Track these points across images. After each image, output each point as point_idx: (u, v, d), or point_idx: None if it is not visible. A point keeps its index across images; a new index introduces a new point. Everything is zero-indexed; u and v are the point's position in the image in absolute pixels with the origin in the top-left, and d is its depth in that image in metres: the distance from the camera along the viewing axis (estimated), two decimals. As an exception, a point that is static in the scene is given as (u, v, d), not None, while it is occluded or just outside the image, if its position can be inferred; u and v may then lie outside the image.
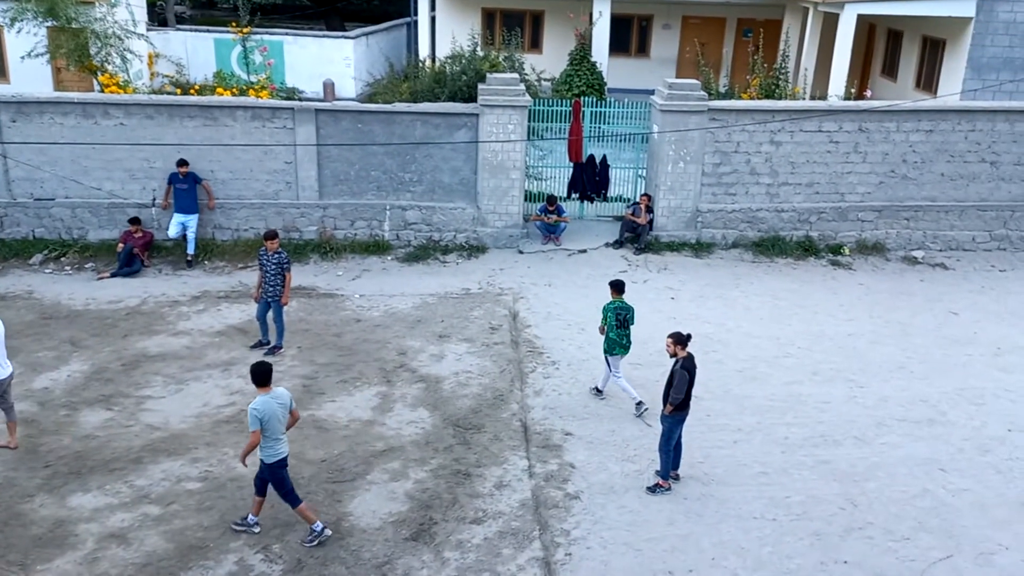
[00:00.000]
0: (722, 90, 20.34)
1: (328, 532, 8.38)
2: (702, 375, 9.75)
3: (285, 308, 12.13)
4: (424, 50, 24.38)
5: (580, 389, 11.30)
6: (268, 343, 12.12)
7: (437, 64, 19.88)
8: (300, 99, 19.09)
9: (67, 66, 18.14)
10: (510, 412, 10.76)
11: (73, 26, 16.80)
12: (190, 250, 14.96)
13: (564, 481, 9.42)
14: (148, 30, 21.87)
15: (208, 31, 24.76)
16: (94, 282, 14.17)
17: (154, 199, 15.13)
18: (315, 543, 8.30)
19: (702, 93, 15.85)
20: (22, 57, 17.55)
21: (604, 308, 10.74)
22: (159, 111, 14.92)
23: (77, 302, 13.37)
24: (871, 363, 12.25)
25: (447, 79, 17.68)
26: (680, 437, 9.30)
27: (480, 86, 15.72)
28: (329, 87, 23.35)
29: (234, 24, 21.76)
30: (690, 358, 9.05)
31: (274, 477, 8.18)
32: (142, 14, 22.50)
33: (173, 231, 14.84)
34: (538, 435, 10.28)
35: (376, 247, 15.78)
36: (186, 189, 14.74)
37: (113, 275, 14.36)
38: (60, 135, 14.65)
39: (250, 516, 8.48)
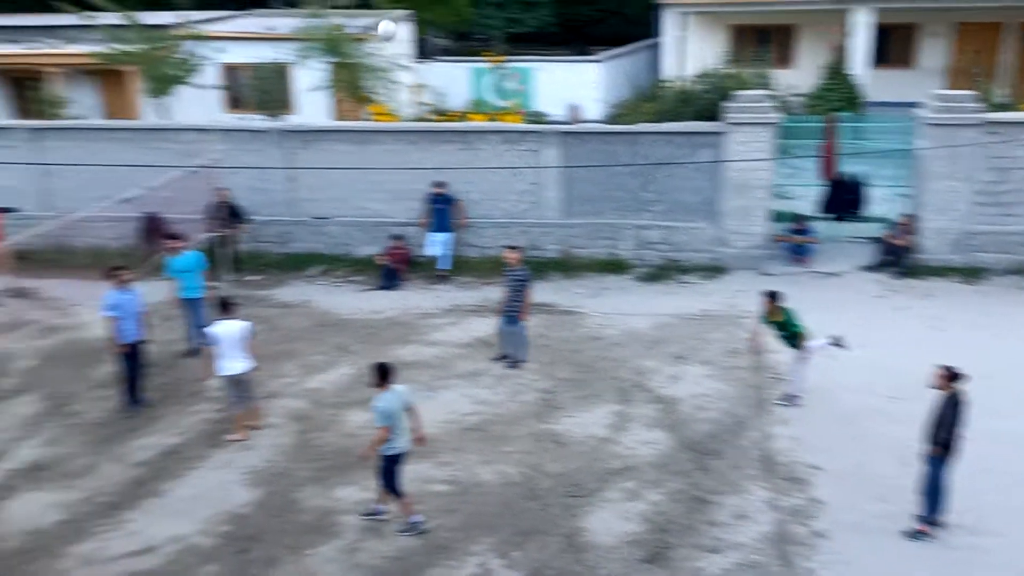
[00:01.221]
0: (1000, 101, 18.41)
1: (422, 525, 8.81)
2: (972, 413, 8.86)
3: (524, 323, 12.56)
4: (669, 70, 24.32)
5: (828, 420, 10.68)
6: (506, 356, 12.60)
7: (682, 84, 19.76)
8: (547, 122, 19.77)
9: (344, 98, 20.11)
10: (750, 440, 10.40)
11: (350, 61, 18.59)
12: (444, 266, 15.95)
13: (810, 517, 8.94)
14: (413, 62, 23.67)
15: (465, 62, 26.33)
16: (360, 294, 15.51)
17: (414, 219, 16.31)
18: (408, 534, 8.78)
19: (978, 105, 14.46)
20: (308, 91, 19.68)
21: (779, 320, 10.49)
22: (421, 137, 16.12)
23: (345, 312, 14.69)
24: None
25: (692, 98, 17.52)
26: (946, 481, 8.50)
27: (726, 104, 15.43)
28: (574, 110, 23.97)
29: (488, 54, 22.98)
30: (960, 394, 8.27)
31: (386, 468, 8.65)
32: (408, 48, 24.41)
33: (430, 249, 15.90)
34: (782, 466, 9.84)
35: (615, 266, 15.93)
36: (442, 209, 15.75)
37: (377, 288, 15.65)
38: (337, 160, 16.24)
39: (380, 507, 9.03)
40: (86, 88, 21.50)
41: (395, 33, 12.97)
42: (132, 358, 11.27)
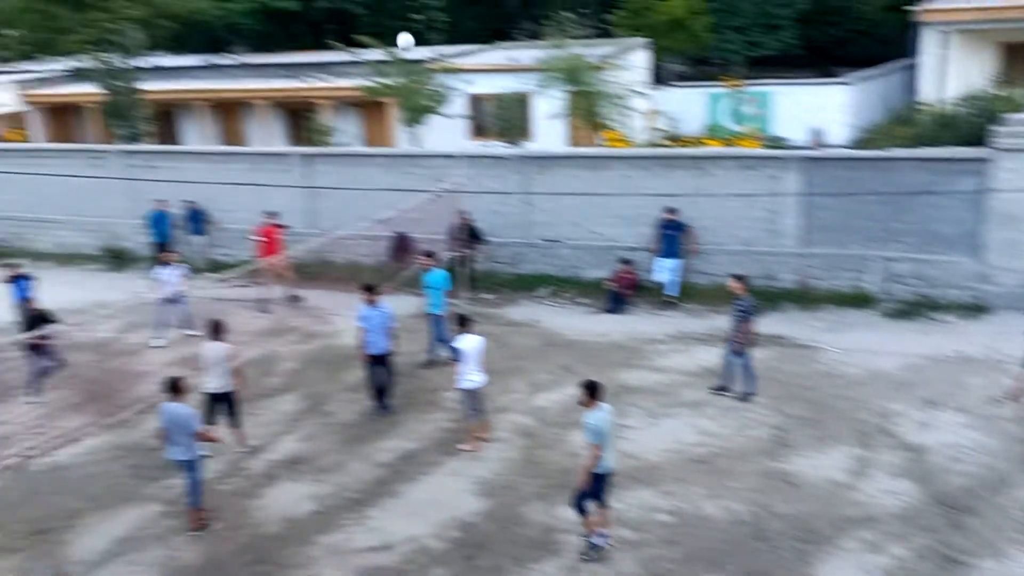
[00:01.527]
0: None
1: (605, 542, 8.73)
2: None
3: (750, 355, 12.13)
4: (926, 92, 22.58)
5: (1112, 486, 9.37)
6: (725, 388, 12.23)
7: (942, 106, 18.28)
8: (787, 148, 19.04)
9: (581, 125, 20.59)
10: (1013, 499, 9.35)
11: (587, 90, 19.02)
12: (672, 292, 15.81)
13: (1083, 593, 7.88)
14: (648, 89, 23.78)
15: (701, 86, 26.03)
16: (587, 316, 15.73)
17: (644, 244, 16.31)
18: (594, 551, 8.78)
19: None
20: (545, 118, 20.36)
21: None
22: (654, 163, 16.14)
23: (572, 333, 14.96)
24: None
25: (954, 122, 16.15)
26: None
27: (994, 128, 14.06)
28: (816, 135, 22.89)
29: (726, 78, 22.58)
30: None
31: (591, 486, 8.56)
32: (645, 75, 24.56)
33: (659, 275, 15.83)
34: (1050, 532, 8.76)
35: (858, 300, 14.99)
36: (672, 235, 15.64)
37: (603, 311, 15.81)
38: (572, 185, 16.65)
39: (597, 535, 8.87)
40: (350, 118, 23.64)
41: (412, 45, 13.59)
42: (378, 367, 12.17)
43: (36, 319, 12.41)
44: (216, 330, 11.13)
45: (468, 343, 10.91)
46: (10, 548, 9.54)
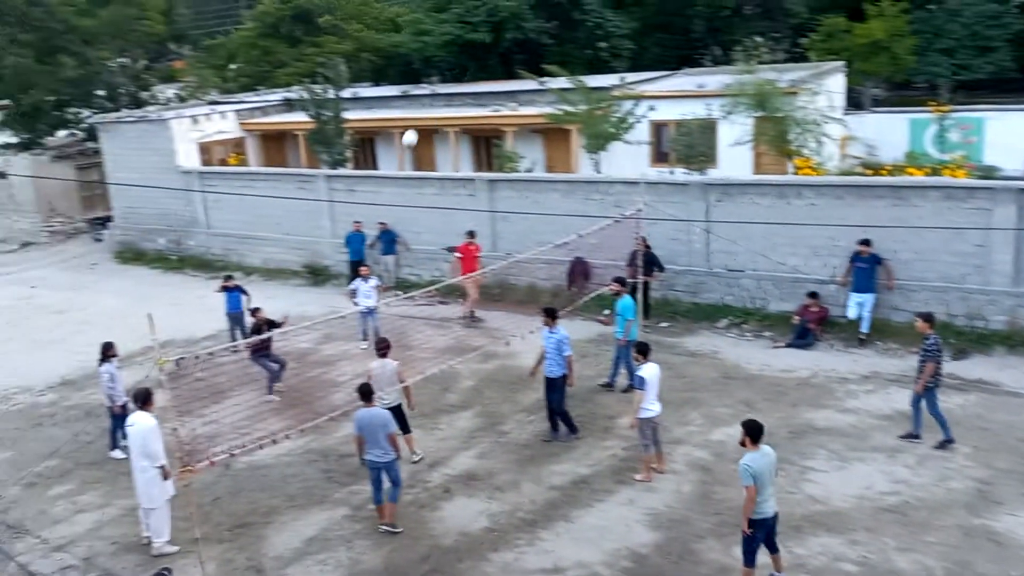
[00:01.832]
0: None
1: None
2: None
3: (936, 397, 11.32)
4: None
5: None
6: (914, 435, 11.43)
7: None
8: (1000, 178, 17.58)
9: (767, 151, 19.97)
10: None
11: (777, 115, 18.44)
12: (864, 328, 14.95)
13: None
14: (844, 114, 22.73)
15: (903, 111, 24.56)
16: (770, 350, 15.17)
17: (833, 276, 15.56)
18: None
19: None
20: (730, 145, 19.92)
21: None
22: (848, 191, 15.38)
23: (753, 367, 14.48)
24: None
25: None
26: None
27: None
28: (1035, 163, 20.93)
29: (932, 103, 21.21)
30: None
31: (752, 533, 8.24)
32: (840, 100, 23.50)
33: (852, 311, 15.02)
34: None
35: (1081, 346, 13.56)
36: (866, 268, 14.82)
37: (788, 345, 15.17)
38: (756, 214, 16.17)
39: None
40: (534, 144, 24.18)
41: (415, 142, 13.32)
42: (554, 392, 12.29)
43: (263, 326, 13.75)
44: (382, 347, 11.82)
45: (649, 372, 10.83)
46: (216, 539, 10.42)
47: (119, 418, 12.17)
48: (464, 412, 13.58)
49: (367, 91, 30.92)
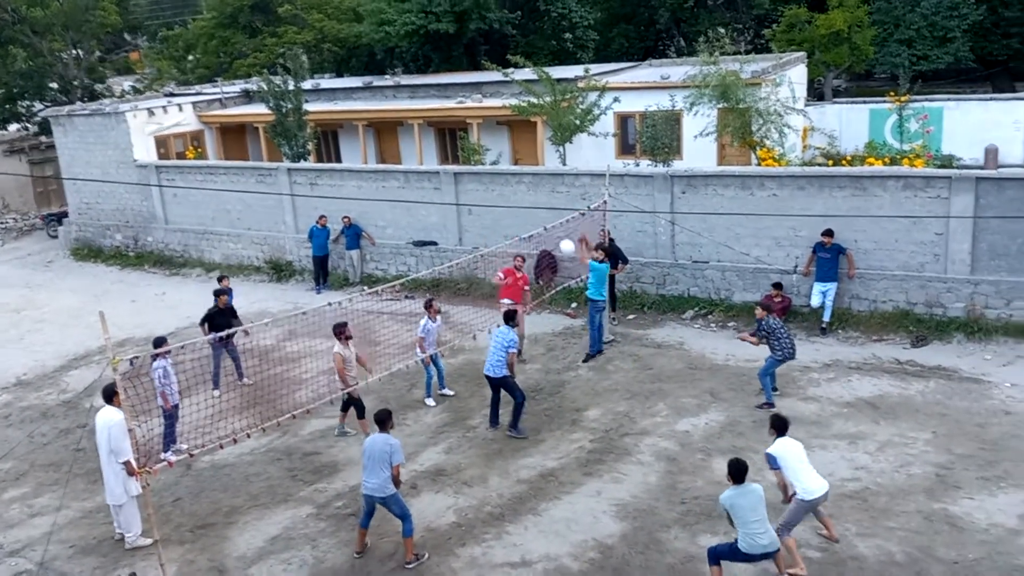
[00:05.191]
0: None
1: None
2: None
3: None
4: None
5: None
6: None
7: None
8: (958, 167, 17.85)
9: (731, 143, 20.07)
10: None
11: (740, 107, 18.53)
12: (826, 317, 15.10)
13: None
14: (806, 105, 22.91)
15: (863, 102, 24.82)
16: (735, 340, 15.26)
17: (796, 266, 15.69)
18: None
19: None
20: (695, 136, 20.00)
21: None
22: (810, 182, 15.50)
23: (719, 357, 14.56)
24: None
25: None
26: None
27: None
28: (992, 153, 21.29)
29: (891, 93, 21.46)
30: None
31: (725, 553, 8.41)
32: (802, 91, 23.68)
33: (815, 300, 15.16)
34: None
35: (1036, 332, 13.82)
36: (828, 258, 14.95)
37: (752, 335, 15.24)
38: (720, 205, 16.25)
39: None
40: (499, 136, 24.06)
41: (572, 251, 13.47)
42: (493, 390, 12.47)
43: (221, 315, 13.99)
44: (343, 331, 12.07)
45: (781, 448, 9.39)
46: (178, 540, 10.26)
47: (170, 417, 12.16)
48: (431, 408, 13.49)
49: (329, 82, 30.55)
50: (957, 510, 9.68)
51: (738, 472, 8.36)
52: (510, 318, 12.52)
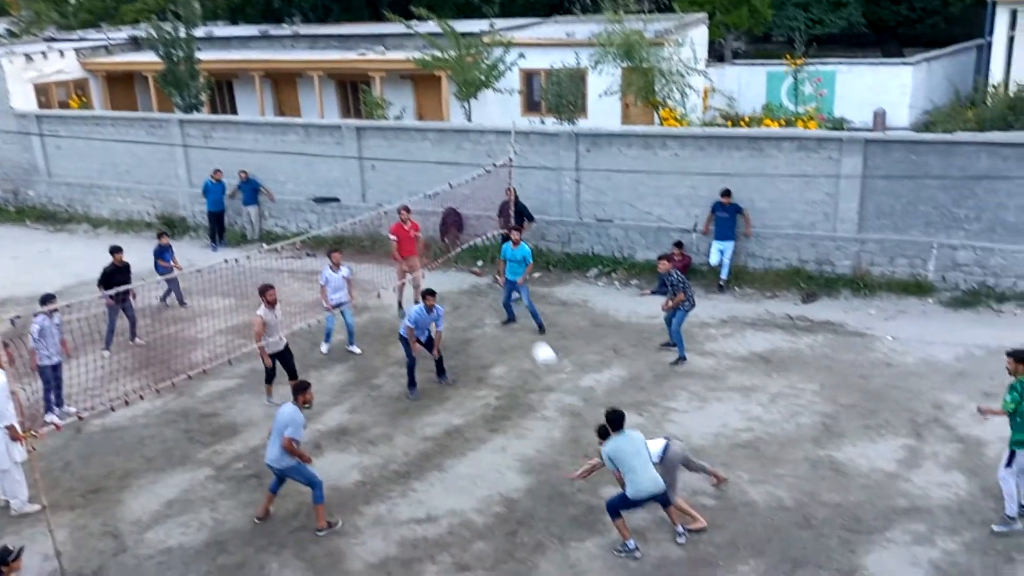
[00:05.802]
0: None
1: (637, 554, 8.62)
2: None
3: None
4: (997, 74, 21.77)
5: None
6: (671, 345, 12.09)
7: (1016, 89, 17.61)
8: (848, 129, 18.55)
9: (635, 102, 20.27)
10: (1074, 499, 9.05)
11: (643, 66, 18.70)
12: (723, 275, 15.57)
13: None
14: (707, 66, 23.31)
15: (761, 64, 25.43)
16: (637, 298, 15.57)
17: (695, 225, 16.07)
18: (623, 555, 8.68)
19: None
20: (599, 95, 20.10)
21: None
22: (710, 142, 15.83)
23: (621, 314, 14.84)
24: None
25: (1024, 105, 15.57)
26: None
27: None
28: (880, 116, 22.20)
29: (788, 56, 22.04)
30: None
31: (618, 504, 8.60)
32: (703, 52, 24.06)
33: (714, 258, 15.57)
34: (1112, 534, 8.47)
35: (916, 287, 14.61)
36: (727, 218, 15.36)
37: (653, 293, 15.54)
38: (623, 164, 16.43)
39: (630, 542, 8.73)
40: (403, 91, 23.62)
41: (553, 360, 12.55)
42: (405, 349, 12.20)
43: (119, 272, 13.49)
44: (269, 292, 11.70)
45: None
46: (67, 505, 9.85)
47: (47, 379, 11.58)
48: (335, 366, 13.31)
49: (223, 30, 29.28)
50: (841, 457, 10.21)
51: (616, 420, 8.58)
52: (430, 295, 12.02)
